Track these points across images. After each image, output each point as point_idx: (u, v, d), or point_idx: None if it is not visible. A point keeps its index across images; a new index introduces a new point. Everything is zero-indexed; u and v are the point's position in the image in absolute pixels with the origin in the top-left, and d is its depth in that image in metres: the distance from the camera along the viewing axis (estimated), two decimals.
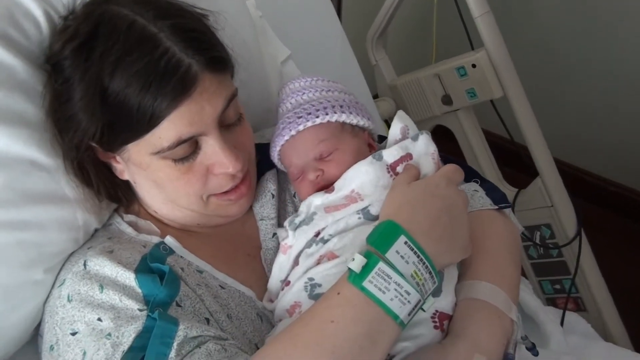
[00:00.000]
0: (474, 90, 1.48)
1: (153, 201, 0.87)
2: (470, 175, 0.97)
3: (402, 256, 0.66)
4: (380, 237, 0.68)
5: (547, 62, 2.16)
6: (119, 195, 0.87)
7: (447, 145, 1.63)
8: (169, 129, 0.74)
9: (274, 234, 0.89)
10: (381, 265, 0.65)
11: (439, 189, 0.75)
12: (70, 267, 0.80)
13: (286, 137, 0.86)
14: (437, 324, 0.74)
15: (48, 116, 0.80)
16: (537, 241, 1.56)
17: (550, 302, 1.63)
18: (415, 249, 0.67)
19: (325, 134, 0.85)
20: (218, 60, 0.78)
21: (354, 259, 0.66)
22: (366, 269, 0.65)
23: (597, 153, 2.21)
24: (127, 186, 0.87)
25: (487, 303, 0.76)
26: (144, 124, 0.73)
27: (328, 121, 0.85)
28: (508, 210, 0.93)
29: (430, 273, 0.68)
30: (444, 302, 0.76)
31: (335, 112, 0.85)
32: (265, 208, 0.91)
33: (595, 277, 1.52)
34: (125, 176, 0.84)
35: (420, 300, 0.67)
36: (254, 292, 0.83)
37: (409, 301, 0.66)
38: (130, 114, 0.73)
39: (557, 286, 1.60)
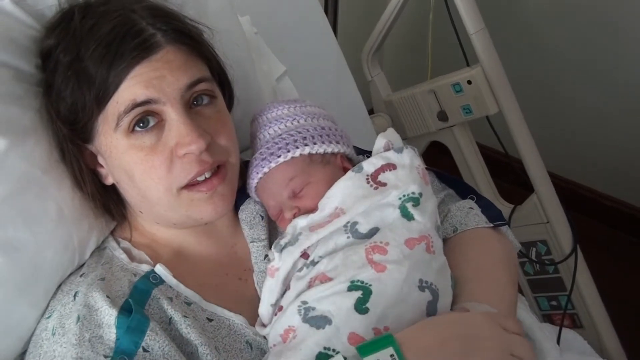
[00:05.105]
0: (469, 107, 1.49)
1: (133, 201, 0.85)
2: (466, 191, 0.97)
3: None
4: (370, 343, 0.65)
5: (543, 76, 2.17)
6: (110, 207, 0.87)
7: (443, 160, 1.64)
8: (125, 91, 0.74)
9: (266, 255, 0.88)
10: None
11: (466, 318, 0.71)
12: (61, 297, 0.80)
13: (255, 180, 0.87)
14: None
15: (42, 113, 0.81)
16: (533, 257, 1.56)
17: (547, 318, 1.62)
18: None
19: (293, 171, 0.84)
20: (185, 34, 0.79)
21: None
22: None
23: (594, 168, 2.21)
24: (117, 196, 0.87)
25: None
26: (105, 89, 0.74)
27: (292, 158, 0.84)
28: (505, 228, 0.92)
29: None
30: (442, 302, 0.75)
31: (297, 147, 0.84)
32: (256, 230, 0.90)
33: (591, 293, 1.51)
34: (110, 180, 0.84)
35: None
36: (244, 318, 0.81)
37: None
38: (94, 80, 0.74)
39: (554, 302, 1.60)
